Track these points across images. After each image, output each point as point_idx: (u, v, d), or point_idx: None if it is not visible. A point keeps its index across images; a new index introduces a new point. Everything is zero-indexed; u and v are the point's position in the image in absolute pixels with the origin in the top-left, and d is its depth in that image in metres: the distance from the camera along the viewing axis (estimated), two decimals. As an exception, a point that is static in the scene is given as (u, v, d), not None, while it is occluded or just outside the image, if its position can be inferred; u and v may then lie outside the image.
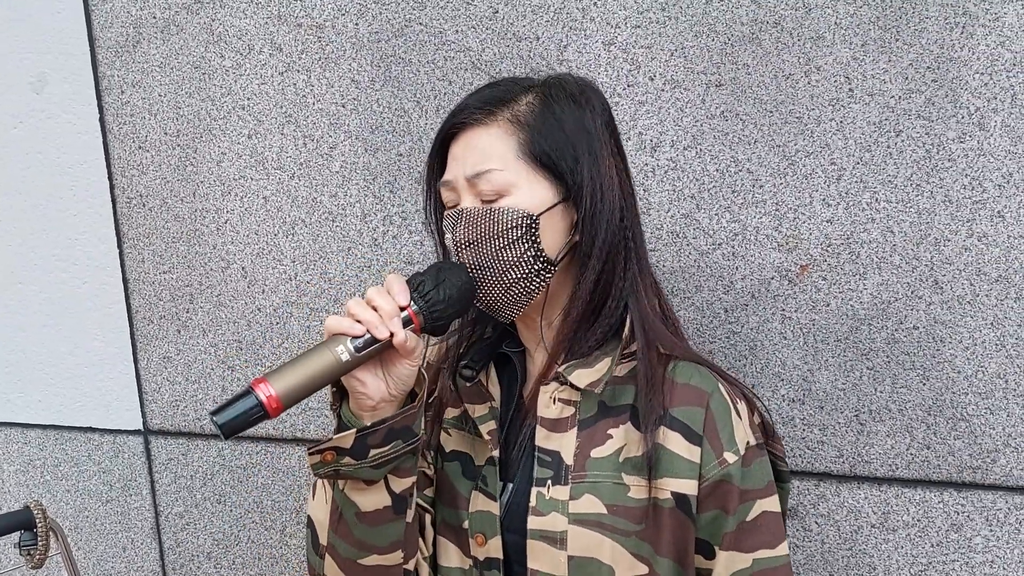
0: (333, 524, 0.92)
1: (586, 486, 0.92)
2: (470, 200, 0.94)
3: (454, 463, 1.02)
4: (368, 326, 0.83)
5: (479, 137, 0.94)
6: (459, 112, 0.96)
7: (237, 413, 0.79)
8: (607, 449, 0.93)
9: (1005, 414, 1.28)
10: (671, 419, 0.93)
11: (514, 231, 0.91)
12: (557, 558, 0.91)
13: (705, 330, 1.37)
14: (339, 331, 0.84)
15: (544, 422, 0.95)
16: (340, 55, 1.45)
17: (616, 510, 0.91)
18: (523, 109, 0.94)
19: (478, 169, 0.92)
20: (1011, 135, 1.20)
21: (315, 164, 1.50)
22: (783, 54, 1.26)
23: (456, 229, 0.94)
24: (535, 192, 0.93)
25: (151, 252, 1.64)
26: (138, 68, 1.56)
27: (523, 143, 0.92)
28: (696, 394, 0.94)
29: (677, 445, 0.92)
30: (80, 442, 1.81)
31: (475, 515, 0.97)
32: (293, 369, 0.82)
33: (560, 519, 0.91)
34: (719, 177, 1.32)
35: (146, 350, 1.70)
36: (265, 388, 0.79)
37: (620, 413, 0.95)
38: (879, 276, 1.29)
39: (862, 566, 1.39)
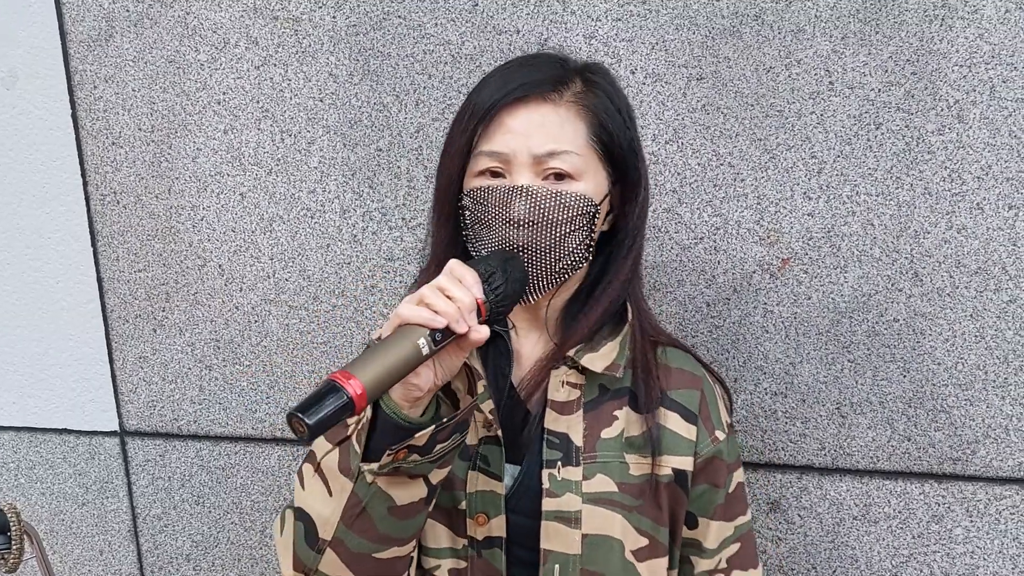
0: (348, 519, 0.87)
1: (598, 466, 0.96)
2: (529, 177, 0.91)
3: None
4: (448, 320, 0.79)
5: (547, 114, 0.91)
6: (524, 84, 0.91)
7: (327, 411, 0.72)
8: (614, 430, 0.97)
9: (985, 405, 1.29)
10: (669, 401, 1.00)
11: (581, 218, 0.92)
12: (571, 537, 0.93)
13: (687, 324, 1.37)
14: (418, 322, 0.79)
15: (554, 405, 0.96)
16: (317, 49, 1.43)
17: (623, 487, 0.96)
18: (581, 91, 0.93)
19: (552, 148, 0.90)
20: (990, 127, 1.21)
21: (293, 160, 1.48)
22: (764, 47, 1.26)
23: (514, 205, 0.90)
24: (598, 180, 0.94)
25: (126, 250, 1.61)
26: (111, 63, 1.53)
27: (594, 127, 0.92)
28: (691, 378, 1.02)
29: (676, 424, 0.99)
30: (55, 444, 1.78)
31: (476, 495, 0.96)
32: (375, 361, 0.77)
33: (574, 499, 0.94)
34: (700, 171, 1.32)
35: (122, 350, 1.67)
36: (353, 383, 0.74)
37: (621, 395, 0.99)
38: (860, 269, 1.29)
39: (844, 558, 1.39)
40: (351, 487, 0.85)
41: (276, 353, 1.57)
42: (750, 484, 1.40)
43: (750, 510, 1.07)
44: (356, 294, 1.50)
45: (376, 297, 1.50)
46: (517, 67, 0.95)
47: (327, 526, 0.88)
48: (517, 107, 0.91)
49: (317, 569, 0.90)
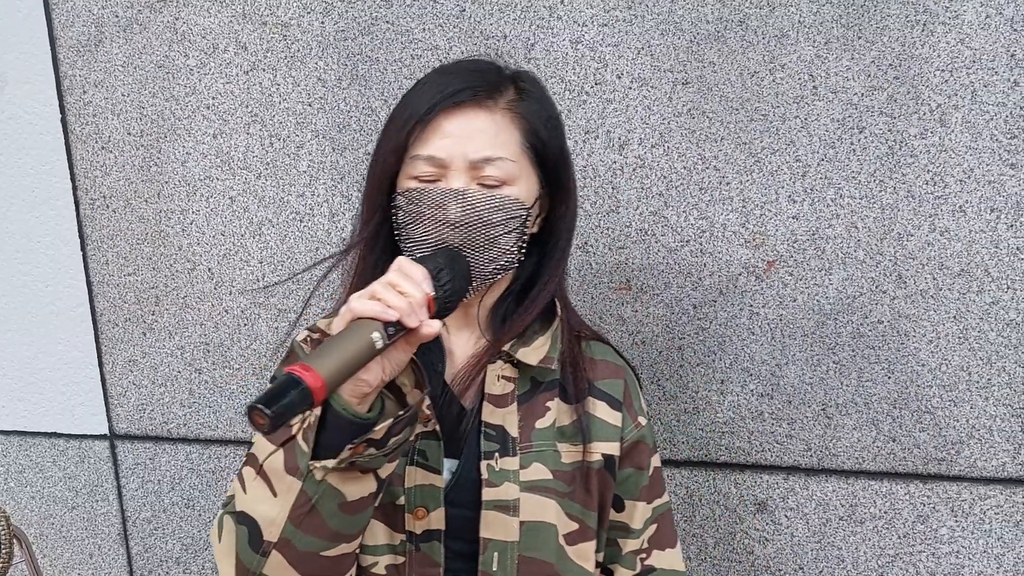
0: (297, 519, 0.86)
1: (533, 455, 0.99)
2: (464, 181, 0.94)
3: None
4: (400, 314, 0.81)
5: (481, 120, 0.94)
6: (461, 90, 0.94)
7: (288, 403, 0.72)
8: (547, 420, 1.01)
9: (968, 406, 1.30)
10: (596, 390, 1.04)
11: (513, 221, 0.95)
12: (510, 525, 0.97)
13: (674, 326, 1.38)
14: (370, 315, 0.80)
15: (491, 398, 0.99)
16: (306, 54, 1.44)
17: (557, 474, 0.99)
18: (517, 99, 0.96)
19: (487, 154, 0.93)
20: (971, 131, 1.22)
21: (282, 164, 1.49)
22: (748, 52, 1.27)
23: (449, 207, 0.93)
24: (529, 185, 0.97)
25: (115, 254, 1.61)
26: (100, 67, 1.53)
27: (527, 134, 0.96)
28: (614, 369, 1.07)
29: (603, 412, 1.04)
30: (44, 448, 1.78)
31: (414, 490, 0.97)
32: (332, 354, 0.77)
33: (512, 488, 0.97)
34: (686, 175, 1.33)
35: (111, 353, 1.67)
36: (313, 376, 0.74)
37: (552, 388, 1.03)
38: (844, 271, 1.30)
39: (831, 558, 1.40)
40: (299, 486, 0.85)
41: (265, 356, 1.57)
42: (737, 485, 1.41)
43: (667, 493, 1.12)
44: (345, 297, 1.51)
45: (365, 300, 1.50)
46: (455, 72, 0.98)
47: (272, 527, 0.87)
48: (454, 112, 0.94)
49: (261, 572, 0.89)
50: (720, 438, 1.40)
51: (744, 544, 1.43)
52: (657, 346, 1.39)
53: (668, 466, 1.43)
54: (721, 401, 1.39)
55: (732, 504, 1.42)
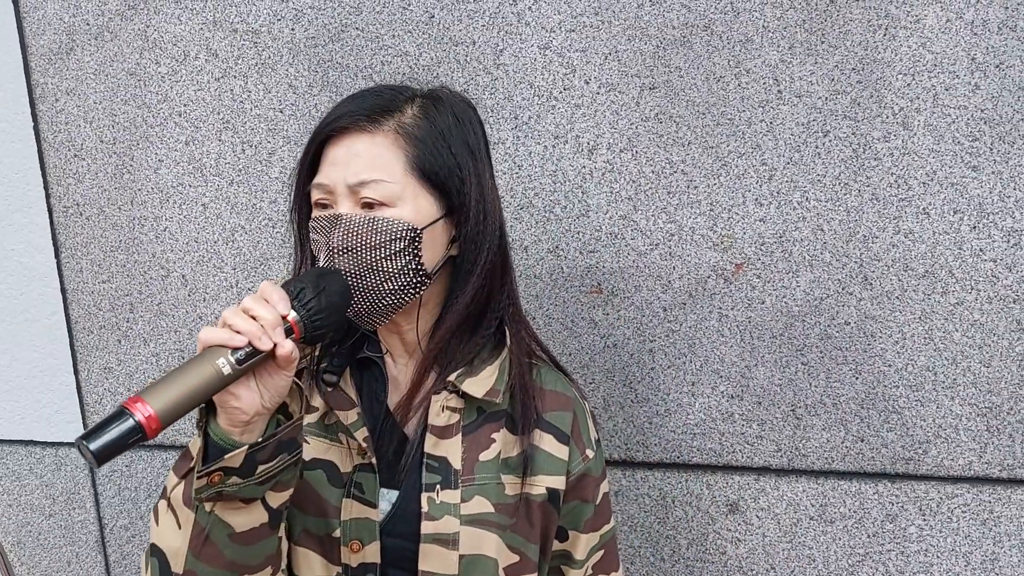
0: (196, 549, 0.86)
1: (475, 488, 0.98)
2: (348, 206, 0.93)
3: (316, 471, 0.99)
4: (250, 337, 0.79)
5: (363, 144, 0.93)
6: (342, 116, 0.94)
7: (113, 437, 0.71)
8: (491, 452, 0.99)
9: (935, 406, 1.32)
10: (544, 423, 1.03)
11: (397, 243, 0.92)
12: (449, 558, 0.95)
13: (644, 329, 1.39)
14: (217, 343, 0.79)
15: (434, 429, 0.98)
16: (277, 60, 1.44)
17: (499, 508, 0.98)
18: (409, 121, 0.94)
19: (363, 178, 0.91)
20: (934, 134, 1.24)
21: (254, 170, 1.49)
22: (713, 57, 1.28)
23: (332, 234, 0.92)
24: (420, 206, 0.94)
25: (89, 261, 1.61)
26: (72, 75, 1.54)
27: (412, 158, 0.93)
28: (563, 400, 1.05)
29: (550, 445, 1.02)
30: (21, 456, 1.78)
31: (349, 523, 0.96)
32: (171, 385, 0.75)
33: (453, 521, 0.96)
34: (655, 179, 1.34)
35: (86, 361, 1.67)
36: (143, 407, 0.73)
37: (499, 419, 1.01)
38: (811, 273, 1.31)
39: (802, 558, 1.41)
40: (193, 516, 0.86)
41: (240, 362, 1.57)
42: (709, 487, 1.42)
43: (614, 517, 1.11)
44: (319, 303, 1.51)
45: (339, 306, 1.51)
46: (349, 100, 0.97)
47: (178, 558, 0.88)
48: (339, 139, 0.94)
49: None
50: (692, 440, 1.41)
51: (717, 545, 1.44)
52: (628, 349, 1.40)
53: (641, 468, 1.44)
54: (692, 403, 1.40)
55: (704, 505, 1.43)
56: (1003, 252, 1.25)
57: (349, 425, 0.97)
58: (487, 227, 0.98)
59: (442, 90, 1.00)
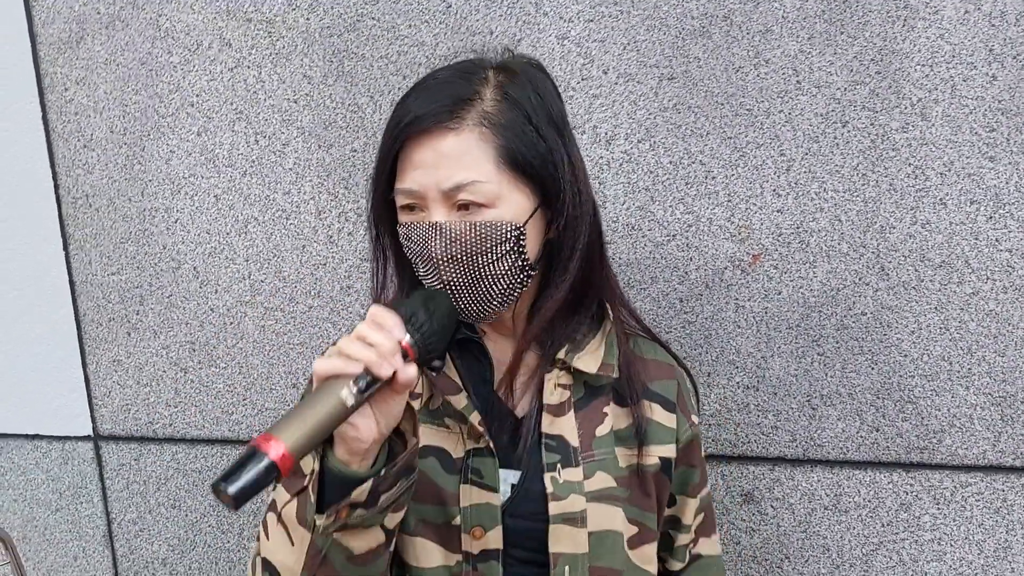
0: (311, 568, 0.86)
1: (596, 464, 0.97)
2: (443, 213, 0.89)
3: (429, 459, 0.97)
4: (369, 365, 0.77)
5: (449, 144, 0.87)
6: (423, 117, 0.88)
7: (250, 479, 0.70)
8: (606, 427, 0.99)
9: (950, 395, 1.32)
10: (651, 392, 1.03)
11: (503, 246, 0.89)
12: (578, 537, 0.94)
13: (661, 320, 1.39)
14: (334, 372, 0.78)
15: (549, 408, 0.97)
16: (291, 50, 1.43)
17: (620, 480, 0.98)
18: (491, 108, 0.88)
19: (457, 180, 0.86)
20: (951, 124, 1.25)
21: (267, 161, 1.49)
22: (733, 47, 1.28)
23: (432, 243, 0.89)
24: (517, 201, 0.90)
25: (99, 253, 1.60)
26: (82, 65, 1.52)
27: (501, 149, 0.88)
28: (665, 369, 1.06)
29: (659, 415, 1.02)
30: (27, 450, 1.76)
31: (470, 509, 0.94)
32: (298, 420, 0.75)
33: (579, 499, 0.95)
34: (672, 169, 1.34)
35: (95, 353, 1.66)
36: (276, 445, 0.72)
37: (606, 392, 1.01)
38: (828, 264, 1.32)
39: (816, 547, 1.42)
40: (309, 537, 0.85)
41: (252, 355, 1.57)
42: (724, 477, 1.43)
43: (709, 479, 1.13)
44: (332, 295, 1.51)
45: (352, 298, 1.50)
46: (427, 89, 0.91)
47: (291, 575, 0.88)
48: (421, 140, 0.88)
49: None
50: (707, 430, 1.42)
51: (731, 535, 1.45)
52: (644, 340, 1.41)
53: (656, 459, 1.45)
54: (708, 394, 1.40)
55: (719, 496, 1.44)
56: (1019, 242, 1.26)
57: (461, 410, 0.95)
58: (583, 208, 0.94)
59: (514, 61, 0.95)
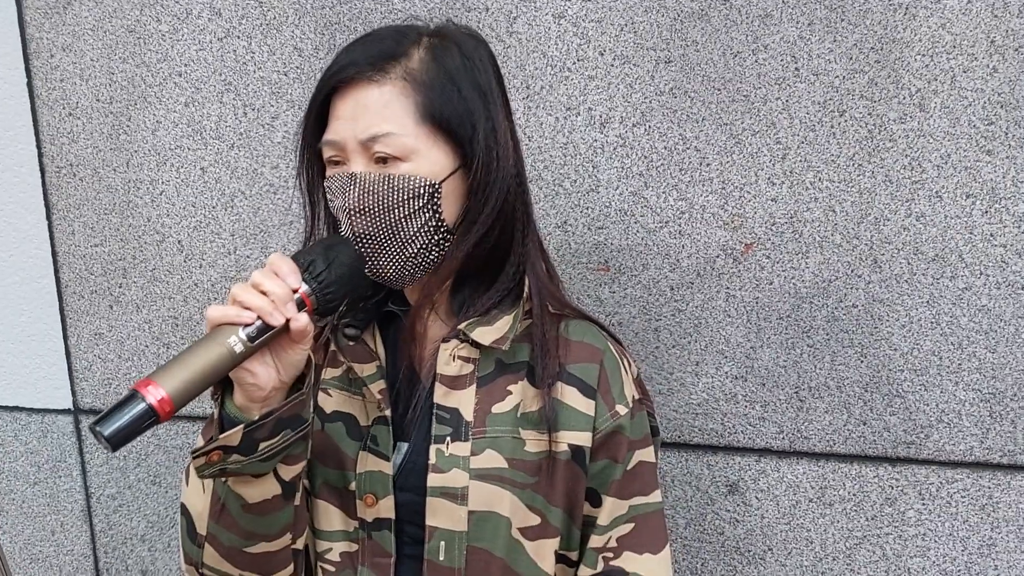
0: (215, 515, 0.87)
1: (487, 441, 0.93)
2: (362, 164, 0.88)
3: (337, 424, 0.98)
4: (260, 313, 0.77)
5: (370, 95, 0.87)
6: (346, 66, 0.88)
7: (125, 421, 0.70)
8: (507, 405, 0.95)
9: (939, 391, 1.31)
10: (567, 375, 0.96)
11: (416, 200, 0.88)
12: (457, 513, 0.92)
13: (651, 308, 1.38)
14: (226, 321, 0.77)
15: (443, 379, 0.94)
16: (282, 21, 1.41)
17: (515, 464, 0.93)
18: (416, 67, 0.88)
19: (374, 132, 0.86)
20: (950, 116, 1.23)
21: (256, 134, 1.46)
22: (731, 31, 1.26)
23: (347, 195, 0.88)
24: (435, 158, 0.89)
25: (82, 224, 1.57)
26: (68, 31, 1.49)
27: (421, 105, 0.87)
28: (590, 351, 0.98)
29: (573, 399, 0.95)
30: (5, 422, 1.74)
31: (364, 476, 0.94)
32: (182, 366, 0.74)
33: (461, 475, 0.92)
34: (667, 155, 1.32)
35: (76, 326, 1.63)
36: (155, 390, 0.72)
37: (518, 370, 0.96)
38: (821, 255, 1.30)
39: (799, 540, 1.41)
40: (211, 484, 0.86)
41: (236, 331, 1.55)
42: (709, 467, 1.42)
43: (657, 493, 1.00)
44: (319, 272, 1.49)
45: (339, 276, 1.48)
46: (352, 47, 0.91)
47: (201, 521, 0.88)
48: (345, 92, 0.89)
49: (203, 563, 0.90)
50: (693, 419, 1.40)
51: (715, 525, 1.44)
52: (634, 327, 1.39)
53: (641, 447, 1.43)
54: (695, 383, 1.39)
55: (704, 485, 1.43)
56: (1014, 238, 1.25)
57: (365, 377, 0.94)
58: (498, 173, 0.91)
59: (448, 27, 0.94)
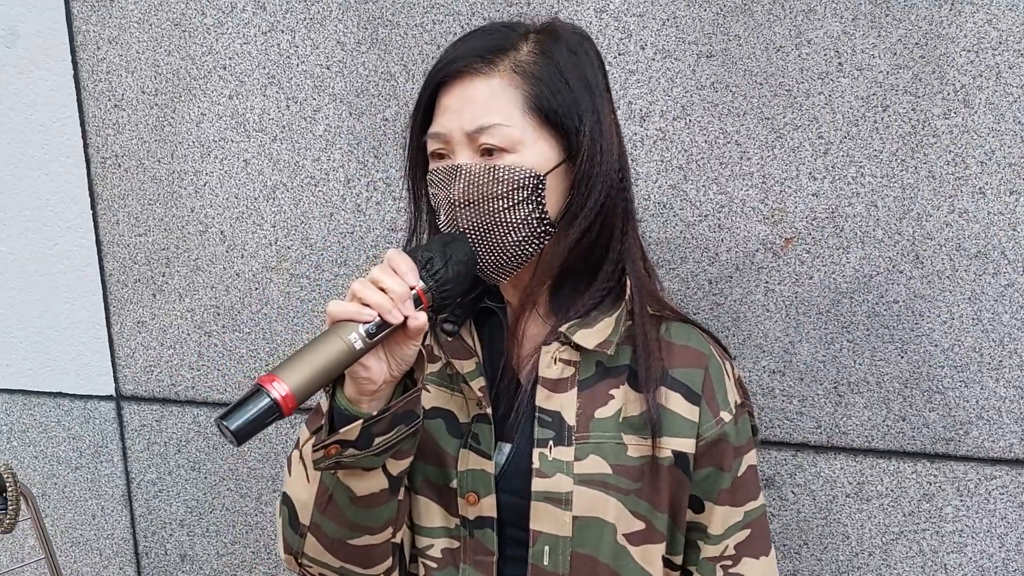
0: (321, 506, 0.88)
1: (591, 447, 0.92)
2: (467, 156, 0.88)
3: (436, 420, 0.97)
4: (380, 311, 0.78)
5: (478, 88, 0.87)
6: (455, 60, 0.88)
7: (251, 416, 0.71)
8: (609, 410, 0.93)
9: (979, 387, 1.31)
10: (671, 380, 0.94)
11: (520, 192, 0.88)
12: (561, 518, 0.91)
13: (689, 301, 1.38)
14: (347, 317, 0.78)
15: (545, 382, 0.93)
16: (326, 16, 1.42)
17: (619, 469, 0.92)
18: (524, 59, 0.88)
19: (481, 123, 0.86)
20: (995, 112, 1.22)
21: (298, 127, 1.48)
22: (775, 26, 1.26)
23: (452, 186, 0.88)
24: (541, 150, 0.89)
25: (126, 214, 1.60)
26: (115, 24, 1.51)
27: (529, 97, 0.87)
28: (695, 356, 0.96)
29: (678, 405, 0.94)
30: (49, 407, 1.77)
31: (466, 473, 0.94)
32: (303, 361, 0.75)
33: (565, 480, 0.91)
34: (707, 148, 1.32)
35: (120, 314, 1.66)
36: (278, 386, 0.72)
37: (619, 374, 0.95)
38: (862, 250, 1.30)
39: (836, 535, 1.41)
40: (320, 475, 0.87)
41: (276, 321, 1.57)
42: (745, 460, 1.42)
43: (762, 494, 1.01)
44: (359, 264, 1.50)
45: (378, 267, 1.50)
46: (459, 42, 0.91)
47: (305, 511, 0.89)
48: (452, 85, 0.89)
49: (303, 552, 0.91)
50: (730, 413, 1.41)
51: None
52: (671, 320, 1.40)
53: (677, 440, 1.44)
54: (733, 377, 1.39)
55: (739, 479, 1.43)
56: (1058, 235, 1.24)
57: (466, 374, 0.94)
58: (601, 167, 0.90)
59: (556, 23, 0.94)
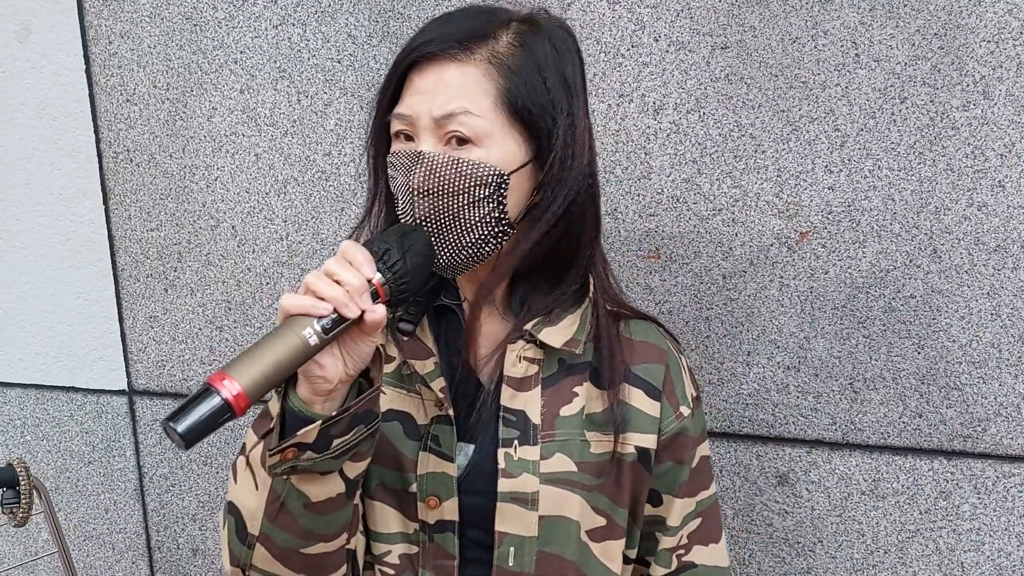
0: (271, 515, 0.82)
1: (556, 445, 0.91)
2: (432, 144, 0.85)
3: (393, 423, 0.94)
4: (336, 304, 0.74)
5: (451, 74, 0.83)
6: (431, 41, 0.84)
7: (200, 417, 0.67)
8: (574, 407, 0.92)
9: (997, 383, 1.29)
10: (633, 376, 0.95)
11: (482, 188, 0.84)
12: (527, 519, 0.90)
13: (703, 296, 1.37)
14: (301, 311, 0.73)
15: (510, 381, 0.91)
16: (337, 9, 1.41)
17: (583, 466, 0.91)
18: (503, 50, 0.85)
19: (451, 109, 0.83)
20: (1015, 104, 1.20)
21: (309, 121, 1.47)
22: (790, 17, 1.25)
23: (413, 173, 0.84)
24: (508, 147, 0.85)
25: (138, 208, 1.60)
26: (127, 18, 1.51)
27: (502, 90, 0.84)
28: (655, 352, 0.97)
29: (639, 401, 0.94)
30: (62, 402, 1.78)
31: (426, 477, 0.91)
32: (255, 358, 0.71)
33: (531, 480, 0.90)
34: (721, 141, 1.31)
35: (132, 309, 1.66)
36: (229, 384, 0.68)
37: (582, 371, 0.94)
38: (878, 244, 1.29)
39: (851, 532, 1.40)
40: (270, 482, 0.82)
41: (288, 316, 1.56)
42: (759, 457, 1.41)
43: (714, 483, 1.02)
44: (370, 258, 1.50)
45: (389, 262, 1.49)
46: (438, 22, 0.88)
47: (254, 520, 0.84)
48: (426, 66, 0.85)
49: (251, 564, 0.86)
50: (744, 410, 1.40)
51: (763, 516, 1.43)
52: (684, 316, 1.38)
53: (691, 436, 1.43)
54: (747, 373, 1.38)
55: (753, 476, 1.42)
56: (1079, 229, 1.22)
57: (425, 375, 0.91)
58: (571, 172, 0.88)
59: (540, 14, 0.90)
